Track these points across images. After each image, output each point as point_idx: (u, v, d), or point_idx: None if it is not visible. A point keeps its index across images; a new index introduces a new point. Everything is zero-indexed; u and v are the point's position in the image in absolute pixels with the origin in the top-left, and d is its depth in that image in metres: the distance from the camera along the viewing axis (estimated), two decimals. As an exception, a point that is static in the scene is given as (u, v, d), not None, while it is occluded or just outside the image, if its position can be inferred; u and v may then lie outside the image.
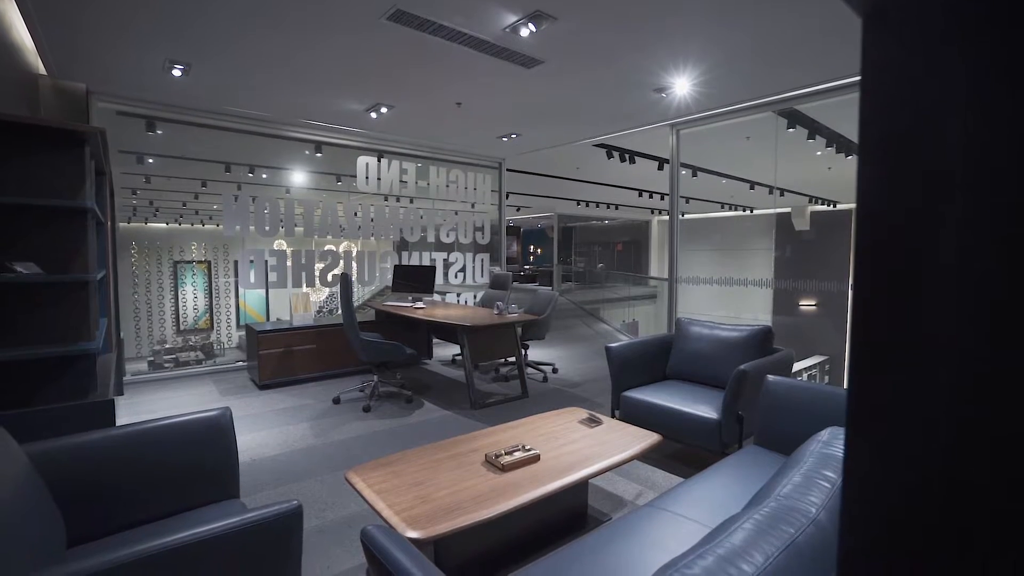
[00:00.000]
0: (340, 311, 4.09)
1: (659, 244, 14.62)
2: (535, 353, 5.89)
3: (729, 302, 6.23)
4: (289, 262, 5.24)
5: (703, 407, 2.77)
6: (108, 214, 3.40)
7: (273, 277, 5.17)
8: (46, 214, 1.99)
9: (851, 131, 5.38)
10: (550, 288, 12.68)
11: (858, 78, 0.37)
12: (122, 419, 2.02)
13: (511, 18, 2.91)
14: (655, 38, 3.20)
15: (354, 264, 5.74)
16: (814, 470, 1.17)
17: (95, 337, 2.11)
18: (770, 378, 2.33)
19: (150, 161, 6.36)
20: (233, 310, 10.11)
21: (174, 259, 9.39)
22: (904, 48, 0.34)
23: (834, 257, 5.40)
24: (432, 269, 5.24)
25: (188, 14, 2.88)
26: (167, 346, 9.03)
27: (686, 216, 10.43)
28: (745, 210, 11.12)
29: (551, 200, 11.41)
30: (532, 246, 20.88)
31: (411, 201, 6.33)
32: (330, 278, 5.51)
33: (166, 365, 7.89)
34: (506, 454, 2.04)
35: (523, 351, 4.89)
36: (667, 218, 5.55)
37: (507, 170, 7.21)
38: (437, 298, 6.10)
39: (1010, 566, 0.31)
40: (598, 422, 2.53)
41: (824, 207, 9.21)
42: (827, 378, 6.70)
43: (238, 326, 9.99)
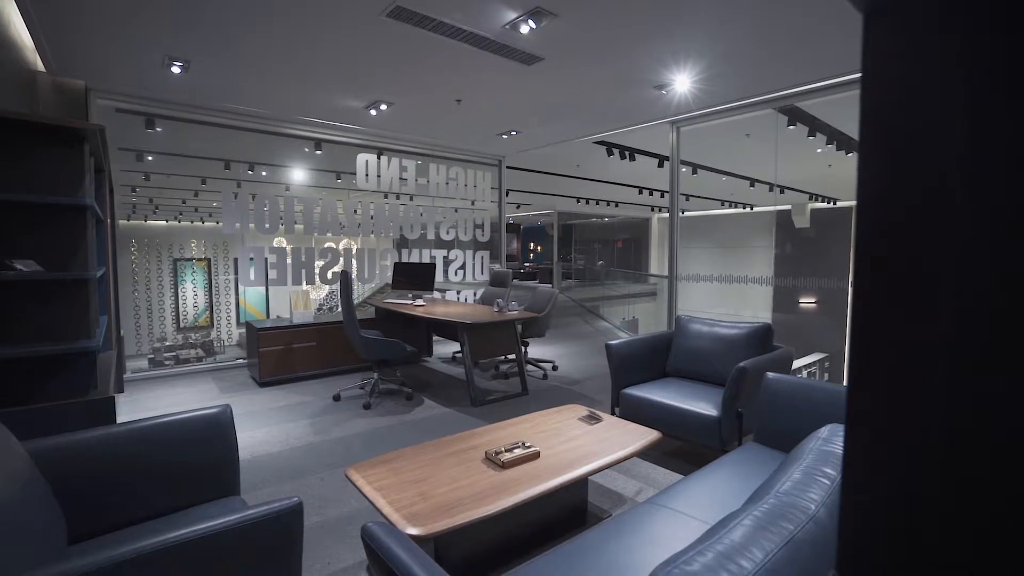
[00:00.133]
0: (340, 308, 4.09)
1: (659, 241, 14.61)
2: (535, 350, 5.90)
3: (729, 299, 6.23)
4: (289, 259, 5.24)
5: (703, 404, 2.77)
6: (108, 211, 3.39)
7: (273, 274, 5.17)
8: (46, 211, 1.99)
9: (852, 128, 5.37)
10: (550, 285, 12.68)
11: (859, 75, 0.37)
12: (123, 416, 2.02)
13: (511, 15, 2.91)
14: (655, 35, 3.19)
15: (354, 261, 5.74)
16: (814, 467, 1.17)
17: (95, 335, 2.11)
18: (770, 375, 2.33)
19: (149, 158, 6.36)
20: (233, 307, 10.11)
21: (174, 256, 9.38)
22: (905, 45, 0.34)
23: (834, 254, 5.40)
24: (432, 266, 5.24)
25: (187, 10, 2.87)
26: (167, 343, 9.04)
27: (686, 213, 10.43)
28: (745, 207, 11.12)
29: (551, 197, 11.39)
30: (532, 243, 20.89)
31: (411, 198, 6.32)
32: (330, 275, 5.51)
33: (166, 362, 7.90)
34: (506, 451, 2.05)
35: (523, 348, 4.89)
36: (667, 215, 5.54)
37: (507, 167, 7.20)
38: (437, 295, 6.10)
39: (1007, 562, 0.31)
40: (598, 419, 2.54)
41: (824, 204, 9.20)
42: (827, 375, 6.70)
43: (238, 323, 9.99)
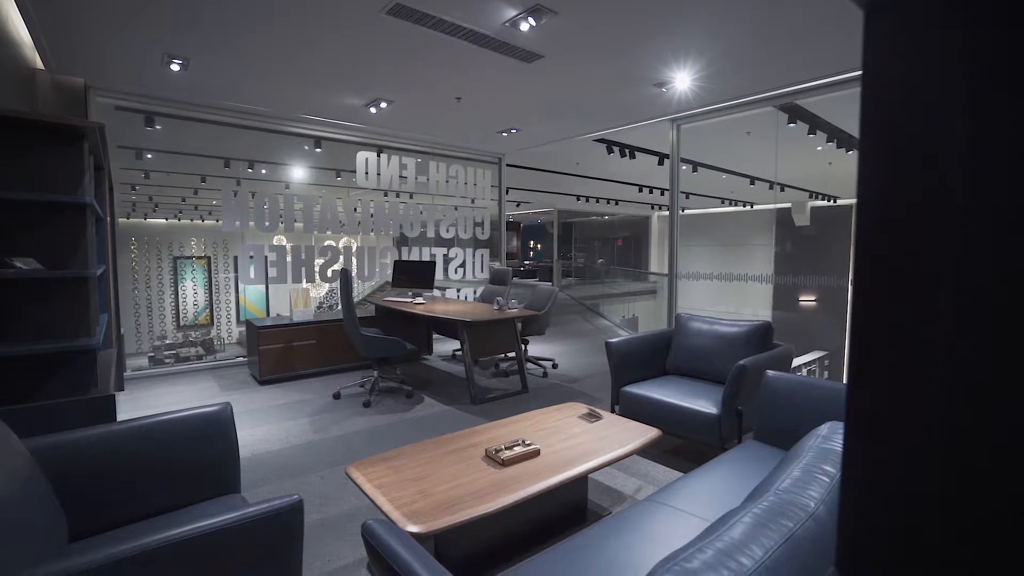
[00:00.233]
0: (340, 307, 4.09)
1: (659, 239, 14.59)
2: (535, 348, 5.90)
3: (729, 297, 6.22)
4: (289, 258, 5.24)
5: (703, 402, 2.77)
6: (107, 209, 3.39)
7: (273, 273, 5.17)
8: (45, 210, 1.98)
9: (852, 126, 5.36)
10: (550, 283, 12.69)
11: (859, 72, 0.36)
12: (123, 414, 2.03)
13: (511, 12, 2.90)
14: (656, 32, 3.18)
15: (354, 260, 5.74)
16: (813, 464, 1.17)
17: (95, 333, 2.11)
18: (770, 373, 2.34)
19: (149, 156, 6.36)
20: (233, 306, 10.12)
21: (174, 255, 9.39)
22: (906, 41, 0.34)
23: (834, 252, 5.40)
24: (432, 265, 5.24)
25: (187, 8, 2.86)
26: (167, 342, 9.05)
27: (686, 211, 10.43)
28: (745, 205, 11.11)
29: (551, 195, 11.39)
30: (532, 241, 20.87)
31: (411, 196, 6.32)
32: (330, 274, 5.51)
33: (166, 361, 7.91)
34: (506, 449, 2.05)
35: (523, 346, 4.90)
36: (667, 213, 5.54)
37: (507, 165, 7.19)
38: (437, 293, 6.10)
39: (1007, 560, 0.31)
40: (598, 417, 2.54)
41: (825, 203, 9.20)
42: (827, 373, 6.70)
43: (238, 322, 10.00)
